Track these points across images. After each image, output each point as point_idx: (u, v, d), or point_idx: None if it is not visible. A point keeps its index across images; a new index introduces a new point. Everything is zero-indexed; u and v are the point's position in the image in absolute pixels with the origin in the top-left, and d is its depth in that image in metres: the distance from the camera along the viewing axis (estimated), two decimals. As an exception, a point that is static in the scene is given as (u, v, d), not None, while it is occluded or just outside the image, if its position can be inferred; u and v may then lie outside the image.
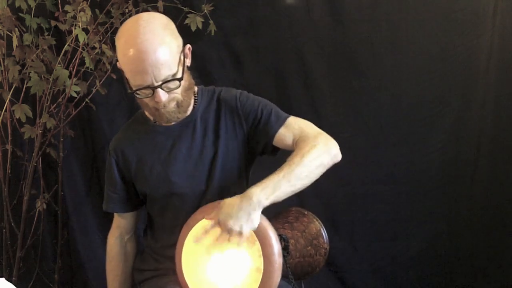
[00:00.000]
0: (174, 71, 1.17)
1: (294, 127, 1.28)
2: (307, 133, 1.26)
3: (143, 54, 1.12)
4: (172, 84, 1.18)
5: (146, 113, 1.36)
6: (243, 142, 1.33)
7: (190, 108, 1.32)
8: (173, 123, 1.31)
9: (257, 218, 1.12)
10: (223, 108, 1.33)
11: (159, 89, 1.16)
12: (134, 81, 1.17)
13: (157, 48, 1.12)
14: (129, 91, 1.20)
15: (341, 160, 1.29)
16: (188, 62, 1.25)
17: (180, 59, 1.19)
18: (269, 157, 1.36)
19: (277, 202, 1.17)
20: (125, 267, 1.47)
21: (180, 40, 1.21)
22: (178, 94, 1.22)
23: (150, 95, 1.18)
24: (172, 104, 1.23)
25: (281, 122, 1.29)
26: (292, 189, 1.17)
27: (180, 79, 1.18)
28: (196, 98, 1.34)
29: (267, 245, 1.11)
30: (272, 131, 1.29)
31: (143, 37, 1.12)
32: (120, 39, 1.17)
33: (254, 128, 1.31)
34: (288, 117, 1.31)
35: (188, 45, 1.24)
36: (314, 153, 1.20)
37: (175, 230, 1.27)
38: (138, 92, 1.18)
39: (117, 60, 1.21)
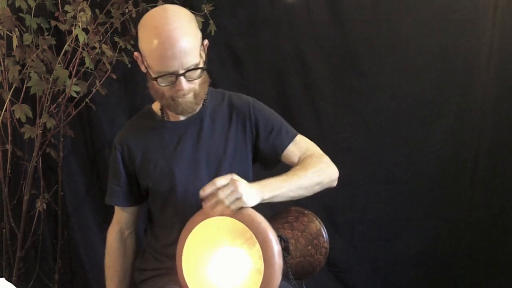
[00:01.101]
0: (197, 60, 1.19)
1: (302, 146, 1.34)
2: (313, 152, 1.33)
3: (172, 40, 1.14)
4: (194, 73, 1.20)
5: (154, 108, 1.37)
6: (251, 147, 1.35)
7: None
8: (181, 119, 1.32)
9: (255, 196, 1.13)
10: (235, 112, 1.35)
11: (182, 77, 1.18)
12: (160, 67, 1.18)
13: (186, 35, 1.15)
14: (152, 77, 1.20)
15: (341, 160, 1.34)
16: (203, 56, 1.26)
17: (200, 52, 1.22)
18: (265, 169, 1.39)
19: (275, 203, 1.18)
20: (124, 263, 1.46)
21: (200, 34, 1.23)
22: (196, 85, 1.23)
23: (171, 83, 1.19)
24: (190, 94, 1.24)
25: (291, 138, 1.34)
26: (289, 195, 1.21)
27: (203, 68, 1.21)
28: (205, 97, 1.34)
29: (267, 247, 1.11)
30: (282, 146, 1.33)
31: (174, 24, 1.15)
32: (147, 26, 1.18)
33: (264, 138, 1.34)
34: (297, 134, 1.36)
35: (206, 41, 1.27)
36: (317, 171, 1.26)
37: (175, 228, 1.27)
38: (160, 78, 1.19)
39: (117, 60, 1.22)
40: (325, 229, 1.35)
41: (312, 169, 1.25)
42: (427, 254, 2.23)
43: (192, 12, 1.90)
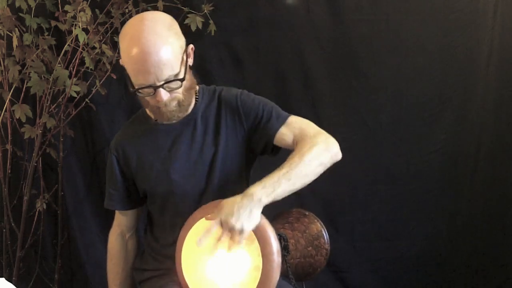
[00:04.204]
0: (176, 71, 1.18)
1: (295, 126, 1.29)
2: (307, 132, 1.27)
3: (146, 54, 1.13)
4: (174, 84, 1.19)
5: (148, 111, 1.37)
6: (244, 141, 1.34)
7: (191, 106, 1.33)
8: (174, 122, 1.32)
9: (258, 215, 1.12)
10: (224, 106, 1.34)
11: (161, 89, 1.17)
12: (136, 80, 1.18)
13: (160, 49, 1.13)
14: (131, 89, 1.21)
15: (341, 160, 1.30)
16: (190, 62, 1.25)
17: (182, 59, 1.20)
18: (270, 157, 1.36)
19: (277, 202, 1.18)
20: (126, 265, 1.47)
21: (183, 40, 1.22)
22: (179, 93, 1.22)
23: (151, 94, 1.19)
24: (173, 103, 1.23)
25: (281, 121, 1.30)
26: (292, 188, 1.17)
27: (182, 80, 1.19)
28: (197, 97, 1.34)
29: (265, 244, 1.11)
30: (273, 130, 1.29)
31: (147, 37, 1.13)
32: (124, 38, 1.17)
33: (255, 127, 1.32)
34: (288, 116, 1.31)
35: (191, 45, 1.25)
36: (314, 152, 1.20)
37: (175, 228, 1.27)
38: (140, 91, 1.19)
39: (117, 60, 1.22)
40: (326, 231, 1.35)
41: (308, 153, 1.19)
42: (427, 254, 2.23)
43: (192, 12, 1.94)
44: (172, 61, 1.16)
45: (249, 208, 1.11)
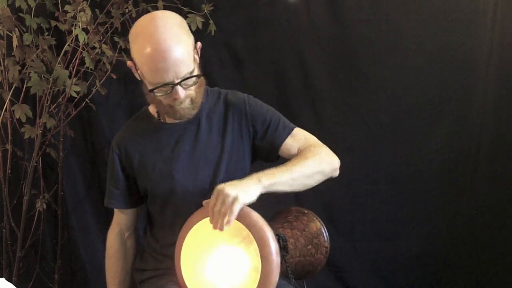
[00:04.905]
0: (191, 68, 1.19)
1: (300, 138, 1.34)
2: (311, 143, 1.33)
3: (164, 52, 1.13)
4: (190, 81, 1.20)
5: (150, 110, 1.37)
6: (249, 144, 1.35)
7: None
8: (178, 121, 1.32)
9: (255, 191, 1.13)
10: (231, 109, 1.35)
11: (178, 86, 1.18)
12: (153, 79, 1.18)
13: (176, 46, 1.14)
14: (148, 89, 1.21)
15: (341, 160, 1.33)
16: (197, 59, 1.26)
17: (194, 56, 1.21)
18: (266, 163, 1.38)
19: (277, 202, 1.18)
20: (125, 264, 1.47)
21: (192, 38, 1.23)
22: (192, 90, 1.23)
23: (168, 92, 1.19)
24: (187, 101, 1.24)
25: (288, 131, 1.34)
26: (291, 183, 1.20)
27: (198, 76, 1.21)
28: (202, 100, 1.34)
29: (264, 245, 1.11)
30: (279, 140, 1.33)
31: (162, 36, 1.14)
32: (137, 38, 1.17)
33: (261, 134, 1.34)
34: (294, 127, 1.35)
35: (199, 43, 1.26)
36: (317, 159, 1.25)
37: (175, 228, 1.27)
38: (156, 90, 1.19)
39: (117, 60, 1.22)
40: (325, 229, 1.35)
41: (312, 158, 1.24)
42: (427, 254, 2.23)
43: (192, 12, 1.94)
44: (187, 58, 1.17)
45: (247, 183, 1.14)
